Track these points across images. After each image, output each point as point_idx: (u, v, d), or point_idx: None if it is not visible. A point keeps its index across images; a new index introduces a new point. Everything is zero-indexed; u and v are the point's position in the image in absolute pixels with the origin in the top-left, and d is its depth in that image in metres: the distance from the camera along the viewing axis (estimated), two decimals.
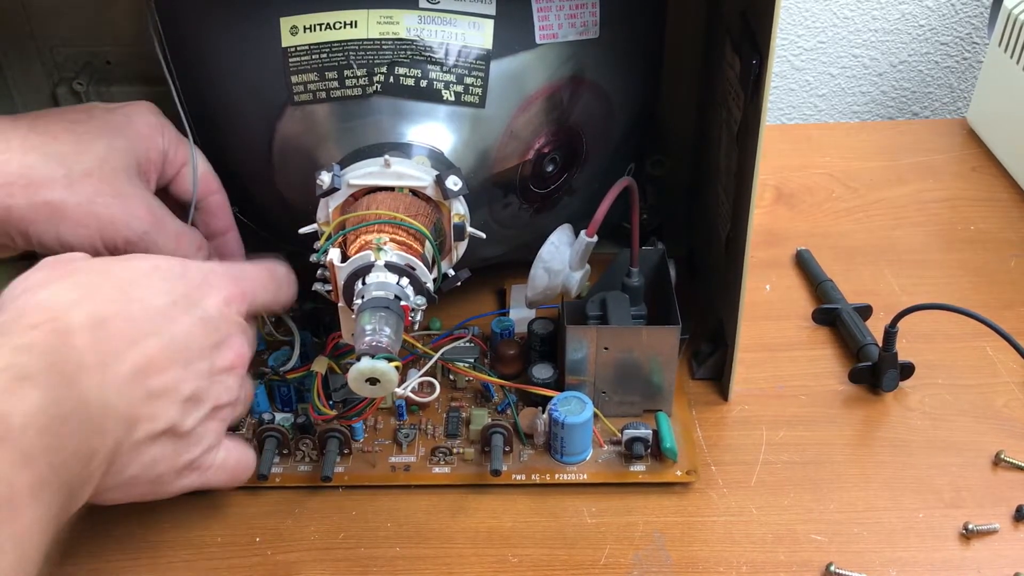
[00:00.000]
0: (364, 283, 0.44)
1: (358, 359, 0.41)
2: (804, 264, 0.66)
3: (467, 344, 0.57)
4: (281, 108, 0.50)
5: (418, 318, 0.45)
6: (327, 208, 0.47)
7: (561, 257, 0.50)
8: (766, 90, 0.45)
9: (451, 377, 0.56)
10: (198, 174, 0.52)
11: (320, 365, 0.50)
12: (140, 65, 0.56)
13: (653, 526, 0.49)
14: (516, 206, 0.54)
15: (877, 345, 0.57)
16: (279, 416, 0.54)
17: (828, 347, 0.60)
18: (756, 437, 0.54)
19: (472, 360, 0.55)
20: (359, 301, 0.43)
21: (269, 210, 0.55)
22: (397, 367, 0.42)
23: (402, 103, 0.49)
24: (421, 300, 0.45)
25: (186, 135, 0.52)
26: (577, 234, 0.50)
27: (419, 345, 0.54)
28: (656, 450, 0.51)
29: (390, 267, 0.44)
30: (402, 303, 0.43)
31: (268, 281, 0.48)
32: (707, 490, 0.51)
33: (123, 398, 0.38)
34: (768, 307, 0.63)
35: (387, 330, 0.42)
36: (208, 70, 0.52)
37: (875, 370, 0.56)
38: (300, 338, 0.55)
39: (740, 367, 0.55)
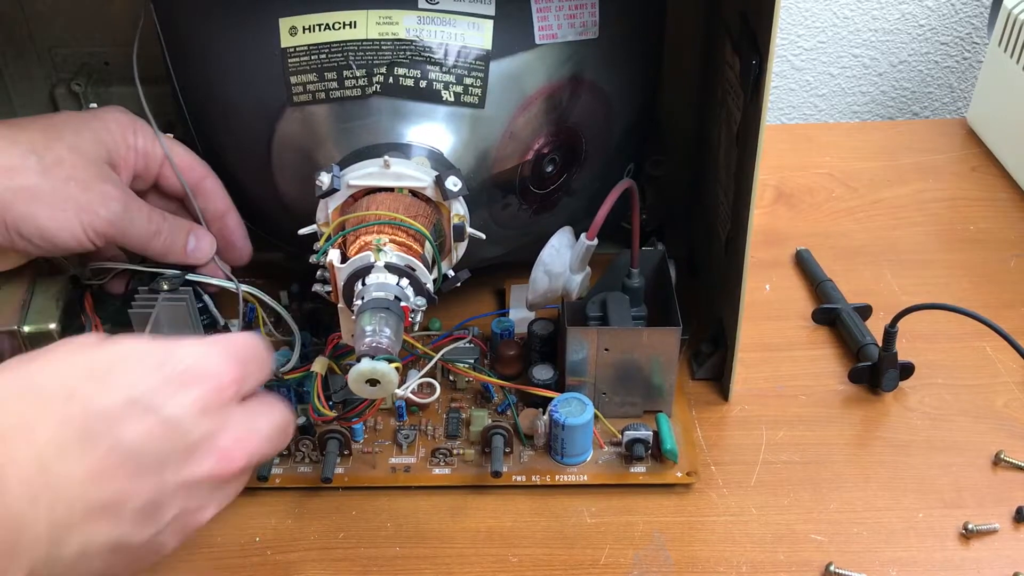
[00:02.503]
0: (364, 284, 0.44)
1: (358, 360, 0.41)
2: (804, 264, 0.66)
3: (467, 345, 0.57)
4: (280, 109, 0.50)
5: (418, 319, 0.45)
6: (327, 209, 0.47)
7: (562, 260, 0.50)
8: (766, 90, 0.45)
9: (451, 378, 0.56)
10: (183, 162, 0.52)
11: (320, 366, 0.49)
12: (138, 66, 0.55)
13: (653, 526, 0.49)
14: (516, 207, 0.54)
15: (877, 345, 0.57)
16: None
17: (828, 347, 0.60)
18: (756, 437, 0.54)
19: (472, 361, 0.55)
20: (359, 302, 0.43)
21: (268, 211, 0.55)
22: (397, 368, 0.41)
23: (401, 104, 0.49)
24: (421, 301, 0.45)
25: (187, 135, 0.52)
26: (577, 237, 0.50)
27: (419, 346, 0.54)
28: (656, 451, 0.51)
29: (390, 268, 0.44)
30: (402, 304, 0.43)
31: (267, 355, 0.40)
32: (707, 490, 0.51)
33: (46, 513, 0.33)
34: (768, 307, 0.63)
35: (387, 331, 0.42)
36: (207, 71, 0.52)
37: (875, 370, 0.56)
38: (300, 338, 0.55)
39: (740, 367, 0.55)
